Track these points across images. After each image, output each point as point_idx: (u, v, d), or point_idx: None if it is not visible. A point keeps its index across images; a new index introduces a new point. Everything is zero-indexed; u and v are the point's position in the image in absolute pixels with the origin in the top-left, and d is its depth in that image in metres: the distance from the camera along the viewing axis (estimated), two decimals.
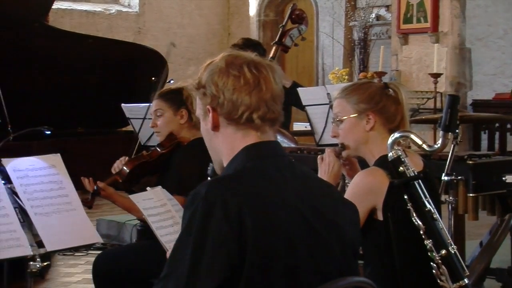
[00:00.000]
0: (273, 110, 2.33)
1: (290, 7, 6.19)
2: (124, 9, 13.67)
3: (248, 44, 6.25)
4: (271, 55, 6.11)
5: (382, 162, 3.22)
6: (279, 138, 5.49)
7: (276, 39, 6.11)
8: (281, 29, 6.12)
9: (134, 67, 6.13)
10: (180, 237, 2.19)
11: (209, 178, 2.86)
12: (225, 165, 2.35)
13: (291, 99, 5.33)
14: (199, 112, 2.40)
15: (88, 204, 4.32)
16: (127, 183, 4.38)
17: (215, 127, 2.34)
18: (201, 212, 2.15)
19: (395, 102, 3.33)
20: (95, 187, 4.31)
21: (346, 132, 3.34)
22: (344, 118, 3.33)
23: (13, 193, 3.81)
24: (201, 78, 2.35)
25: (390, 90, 3.34)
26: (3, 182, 3.82)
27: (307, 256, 2.23)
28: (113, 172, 4.50)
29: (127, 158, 4.52)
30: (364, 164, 3.45)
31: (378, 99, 3.31)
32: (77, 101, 5.95)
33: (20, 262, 3.91)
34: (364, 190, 3.15)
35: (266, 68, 2.33)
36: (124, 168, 4.42)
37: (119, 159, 4.53)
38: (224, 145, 2.35)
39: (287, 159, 2.36)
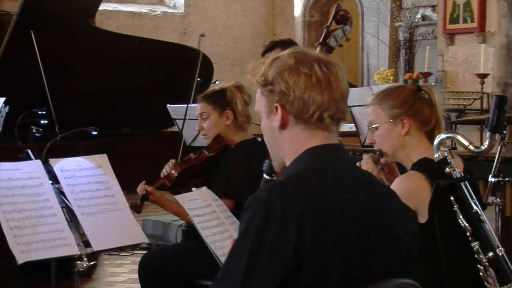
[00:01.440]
0: (342, 109, 2.30)
1: (334, 8, 6.17)
2: (170, 10, 13.74)
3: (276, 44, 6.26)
4: None
5: (420, 166, 3.20)
6: None
7: (321, 40, 6.08)
8: (325, 29, 6.10)
9: (180, 68, 6.15)
10: (238, 240, 2.17)
11: (264, 175, 2.85)
12: (287, 164, 2.32)
13: None
14: (262, 109, 2.35)
15: (137, 209, 4.33)
16: (175, 186, 4.39)
17: (283, 125, 2.29)
18: (259, 217, 2.12)
19: (429, 105, 3.31)
20: (144, 192, 4.33)
21: (382, 138, 3.33)
22: (379, 124, 3.32)
23: (60, 193, 3.85)
24: (267, 74, 2.30)
25: (423, 92, 3.32)
26: (50, 182, 3.86)
27: (362, 263, 2.20)
28: (162, 176, 4.52)
29: (174, 161, 4.54)
30: (402, 167, 3.43)
31: (412, 103, 3.29)
32: (123, 102, 5.98)
33: (67, 262, 3.95)
34: (404, 196, 3.11)
35: (335, 66, 2.30)
36: (173, 171, 4.43)
37: (167, 163, 4.55)
38: (289, 144, 2.31)
39: (349, 163, 2.33)
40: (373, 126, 3.34)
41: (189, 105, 5.19)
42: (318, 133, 2.29)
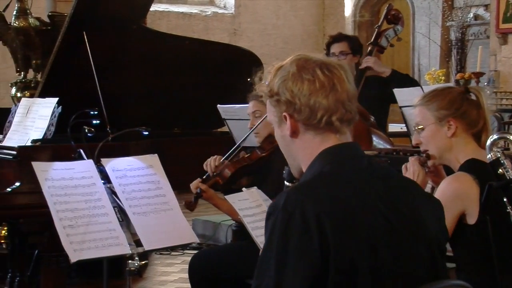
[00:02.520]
0: (350, 110, 2.30)
1: (386, 8, 6.14)
2: (220, 11, 13.78)
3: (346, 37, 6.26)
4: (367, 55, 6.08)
5: (468, 166, 3.18)
6: (375, 140, 5.45)
7: (372, 40, 6.06)
8: (376, 29, 6.08)
9: (230, 68, 6.16)
10: (264, 248, 2.19)
11: (285, 182, 2.86)
12: (304, 170, 2.33)
13: (390, 88, 5.32)
14: (273, 119, 2.37)
15: (191, 207, 4.36)
16: (227, 185, 4.41)
17: (294, 133, 2.31)
18: (280, 223, 2.14)
19: (477, 107, 3.28)
20: (197, 190, 4.35)
21: (428, 140, 3.31)
22: (425, 126, 3.29)
23: (112, 192, 3.88)
24: (272, 85, 2.32)
25: (471, 94, 3.29)
26: (102, 181, 3.89)
27: (391, 257, 2.19)
28: (205, 167, 4.53)
29: (218, 157, 4.55)
30: (448, 170, 3.41)
31: (459, 105, 3.26)
32: (174, 102, 6.01)
33: (118, 261, 3.98)
34: (451, 197, 3.10)
35: (338, 68, 2.30)
36: (226, 170, 4.45)
37: (212, 157, 4.56)
38: (303, 151, 2.32)
39: (365, 160, 2.33)
40: (419, 127, 3.32)
41: (239, 105, 5.19)
42: (330, 136, 2.30)
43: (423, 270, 2.26)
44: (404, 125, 5.33)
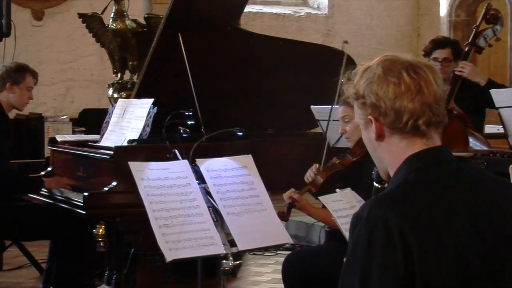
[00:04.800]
0: (438, 113, 2.23)
1: (484, 7, 6.02)
2: (314, 12, 13.75)
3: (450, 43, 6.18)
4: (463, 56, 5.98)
5: None
6: (471, 141, 5.37)
7: (469, 40, 5.96)
8: (474, 29, 5.97)
9: (323, 69, 6.13)
10: (347, 261, 2.16)
11: (374, 183, 2.83)
12: (391, 174, 2.29)
13: (487, 99, 5.21)
14: (360, 122, 2.33)
15: (284, 217, 4.35)
16: (320, 192, 4.40)
17: (379, 136, 2.27)
18: (364, 235, 2.11)
19: None
20: (290, 200, 4.35)
21: None
22: None
23: (206, 192, 3.91)
24: (358, 87, 2.28)
25: None
26: (197, 181, 3.93)
27: (481, 266, 2.13)
28: (306, 180, 4.53)
29: (317, 165, 4.54)
30: None
31: None
32: (267, 103, 6.02)
33: (212, 260, 4.01)
34: None
35: (425, 70, 2.24)
36: (318, 177, 4.43)
37: (310, 168, 4.56)
38: (389, 155, 2.28)
39: (454, 165, 2.26)
40: None
41: (333, 106, 5.17)
42: (416, 141, 2.24)
43: None
44: (501, 126, 5.22)
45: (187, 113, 4.70)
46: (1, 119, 5.43)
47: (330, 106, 5.16)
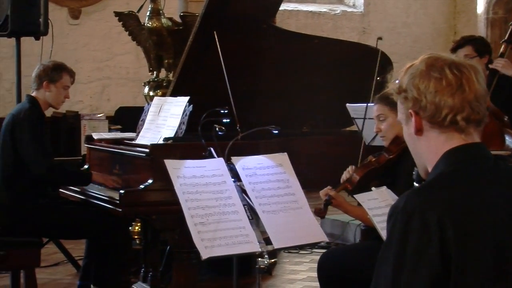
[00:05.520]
0: (478, 111, 2.26)
1: None
2: (349, 9, 13.72)
3: (467, 41, 6.13)
4: (500, 53, 5.94)
5: None
6: (508, 139, 5.33)
7: (506, 37, 5.92)
8: (511, 27, 5.93)
9: (359, 67, 6.12)
10: (383, 251, 2.19)
11: (414, 183, 2.83)
12: (429, 170, 2.31)
13: None
14: (401, 117, 2.38)
15: (321, 214, 4.35)
16: (357, 189, 4.39)
17: (418, 130, 2.30)
18: (400, 225, 2.13)
19: None
20: (327, 197, 4.35)
21: None
22: None
23: (242, 190, 3.92)
24: (402, 82, 2.33)
25: None
26: (232, 179, 3.93)
27: None
28: (342, 182, 4.53)
29: (353, 167, 4.54)
30: None
31: None
32: (302, 101, 6.01)
33: (248, 258, 4.01)
34: None
35: (468, 68, 2.27)
36: (354, 175, 4.43)
37: (346, 169, 4.55)
38: (428, 149, 2.31)
39: (491, 161, 2.28)
40: None
41: (368, 104, 5.16)
42: (454, 136, 2.27)
43: None
44: None
45: (222, 111, 4.70)
46: (39, 116, 5.48)
47: (366, 104, 5.15)
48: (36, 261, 5.33)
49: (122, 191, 4.73)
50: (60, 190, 5.72)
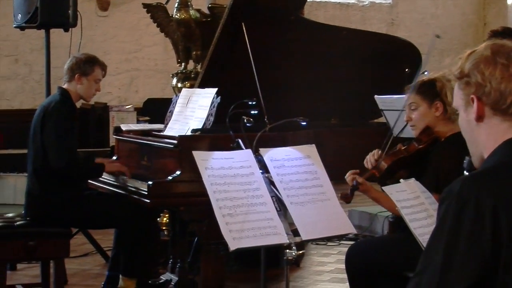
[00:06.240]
0: None
1: None
2: (378, 1, 13.66)
3: (508, 32, 6.07)
4: None
5: None
6: None
7: None
8: None
9: (388, 59, 6.10)
10: (434, 234, 2.16)
11: (465, 172, 2.80)
12: (485, 157, 2.27)
13: None
14: (459, 103, 2.33)
15: (348, 199, 4.32)
16: (384, 177, 4.37)
17: (480, 117, 2.26)
18: (454, 210, 2.10)
19: None
20: (354, 182, 4.32)
21: None
22: None
23: (270, 182, 3.92)
24: (463, 67, 2.28)
25: None
26: (260, 171, 3.94)
27: None
28: (365, 165, 4.50)
29: (378, 150, 4.51)
30: None
31: None
32: (331, 93, 6.00)
33: (275, 250, 4.02)
34: None
35: None
36: (383, 163, 4.40)
37: (371, 152, 4.53)
38: (487, 137, 2.27)
39: None
40: None
41: (396, 96, 5.14)
42: None
43: None
44: None
45: (250, 103, 4.71)
46: (69, 109, 5.51)
47: (398, 96, 5.13)
48: (66, 251, 5.37)
49: (150, 183, 4.74)
50: (89, 181, 5.75)
